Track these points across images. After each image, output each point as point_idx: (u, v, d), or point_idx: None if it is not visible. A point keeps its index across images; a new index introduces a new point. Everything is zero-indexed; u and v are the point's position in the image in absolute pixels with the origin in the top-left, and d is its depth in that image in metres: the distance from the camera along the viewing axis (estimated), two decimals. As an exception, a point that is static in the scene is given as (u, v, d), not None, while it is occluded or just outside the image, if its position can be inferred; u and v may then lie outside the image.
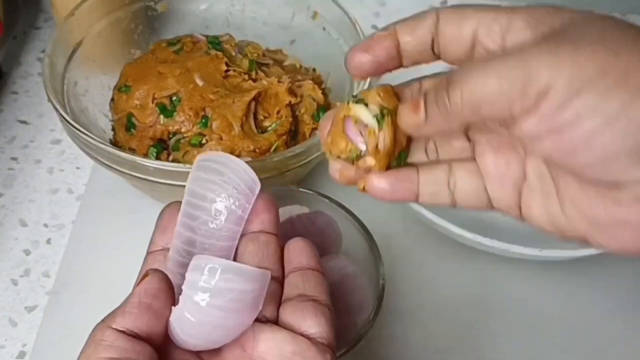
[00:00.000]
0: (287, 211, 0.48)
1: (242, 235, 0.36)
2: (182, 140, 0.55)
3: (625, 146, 0.28)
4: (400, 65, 0.34)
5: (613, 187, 0.29)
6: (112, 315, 0.32)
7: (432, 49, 0.33)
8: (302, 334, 0.33)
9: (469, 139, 0.35)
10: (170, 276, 0.33)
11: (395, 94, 0.34)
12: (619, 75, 0.27)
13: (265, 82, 0.57)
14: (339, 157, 0.33)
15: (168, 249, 0.35)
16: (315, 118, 0.58)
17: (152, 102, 0.56)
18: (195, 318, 0.31)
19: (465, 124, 0.31)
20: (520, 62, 0.28)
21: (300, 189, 0.47)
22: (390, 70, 0.34)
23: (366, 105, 0.33)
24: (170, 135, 0.55)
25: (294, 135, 0.57)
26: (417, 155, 0.36)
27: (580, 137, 0.28)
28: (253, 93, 0.55)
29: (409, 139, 0.35)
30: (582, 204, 0.31)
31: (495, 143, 0.33)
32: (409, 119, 0.32)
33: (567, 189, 0.31)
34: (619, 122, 0.27)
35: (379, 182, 0.34)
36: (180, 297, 0.31)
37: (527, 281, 0.56)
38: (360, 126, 0.33)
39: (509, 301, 0.55)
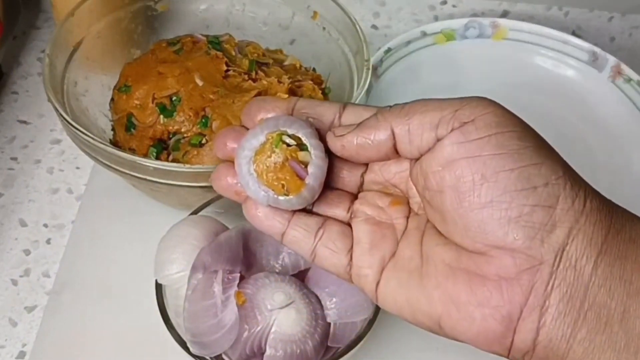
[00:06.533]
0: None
1: None
2: (182, 140, 0.55)
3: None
4: None
5: (481, 256, 0.31)
6: None
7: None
8: None
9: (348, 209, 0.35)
10: None
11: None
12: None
13: (265, 82, 0.57)
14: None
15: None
16: (315, 118, 0.58)
17: (152, 102, 0.56)
18: None
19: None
20: None
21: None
22: None
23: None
24: (170, 135, 0.55)
25: (293, 135, 0.57)
26: None
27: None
28: (253, 93, 0.55)
29: None
30: (447, 284, 0.32)
31: (375, 218, 0.34)
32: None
33: (435, 271, 0.32)
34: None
35: (257, 210, 0.35)
36: None
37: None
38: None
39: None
